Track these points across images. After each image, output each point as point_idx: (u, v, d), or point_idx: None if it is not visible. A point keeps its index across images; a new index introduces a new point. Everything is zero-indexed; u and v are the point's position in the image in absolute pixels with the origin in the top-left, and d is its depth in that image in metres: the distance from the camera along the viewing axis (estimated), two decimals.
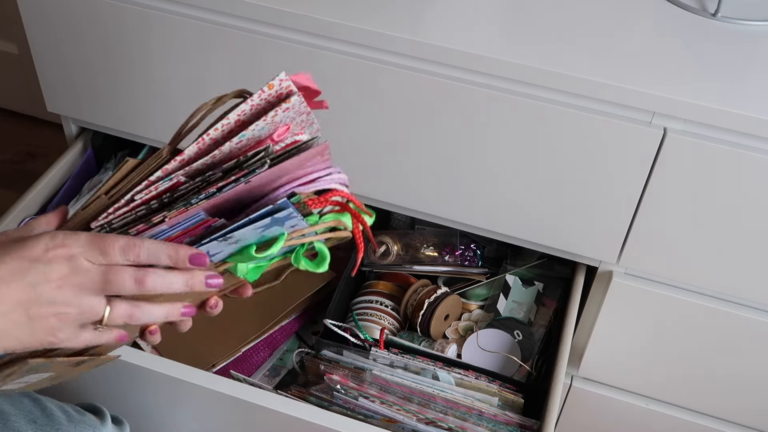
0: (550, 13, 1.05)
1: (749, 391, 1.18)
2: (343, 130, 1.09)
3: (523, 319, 1.19)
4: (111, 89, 1.19)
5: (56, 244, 0.61)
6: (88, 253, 0.61)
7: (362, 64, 1.02)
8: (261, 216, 0.64)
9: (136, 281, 0.63)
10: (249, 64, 1.07)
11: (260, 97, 0.66)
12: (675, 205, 1.01)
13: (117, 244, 0.62)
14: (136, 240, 0.62)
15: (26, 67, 1.85)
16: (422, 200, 1.13)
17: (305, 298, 1.24)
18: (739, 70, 0.98)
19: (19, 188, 1.30)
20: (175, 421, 1.05)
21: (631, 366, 1.21)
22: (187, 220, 0.65)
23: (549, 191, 1.05)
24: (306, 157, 0.67)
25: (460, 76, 1.00)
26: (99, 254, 0.62)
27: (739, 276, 1.05)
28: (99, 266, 0.62)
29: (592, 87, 0.95)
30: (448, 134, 1.04)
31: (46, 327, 0.62)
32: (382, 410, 1.01)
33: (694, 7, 1.08)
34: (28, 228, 0.66)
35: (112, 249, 0.62)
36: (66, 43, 1.16)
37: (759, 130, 0.92)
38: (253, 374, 1.19)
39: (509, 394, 1.06)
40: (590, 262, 1.13)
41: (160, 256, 0.63)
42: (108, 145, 1.34)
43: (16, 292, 0.60)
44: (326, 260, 0.72)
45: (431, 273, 1.26)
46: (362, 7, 1.03)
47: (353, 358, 1.10)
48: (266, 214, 0.64)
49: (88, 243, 0.61)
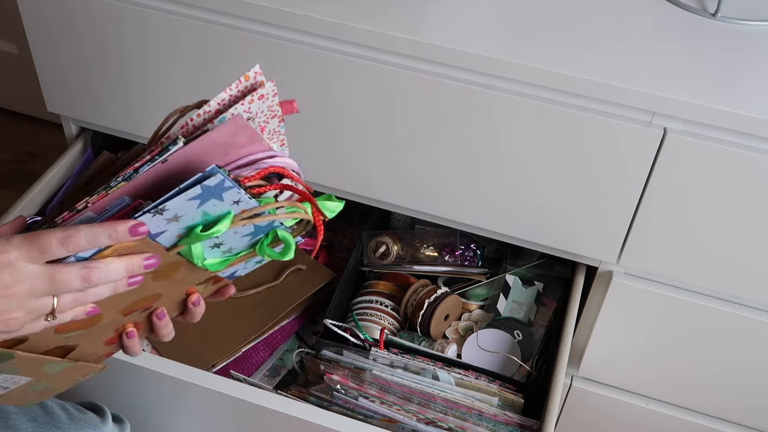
0: (551, 14, 1.05)
1: (749, 390, 1.18)
2: (343, 130, 1.09)
3: (523, 319, 1.19)
4: (111, 89, 1.19)
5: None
6: (27, 254, 0.60)
7: (362, 65, 1.02)
8: (190, 185, 0.62)
9: (83, 279, 0.62)
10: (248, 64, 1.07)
11: (237, 88, 0.69)
12: (675, 205, 1.01)
13: (54, 238, 0.60)
14: (71, 230, 0.60)
15: (26, 67, 1.85)
16: (422, 200, 1.13)
17: (305, 298, 1.24)
18: (739, 70, 0.98)
19: (19, 188, 1.30)
20: (175, 421, 1.05)
21: (631, 366, 1.21)
22: (113, 207, 0.64)
23: (549, 191, 1.05)
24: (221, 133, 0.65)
25: (461, 76, 1.00)
26: (38, 253, 0.60)
27: (739, 276, 1.05)
28: (43, 267, 0.61)
29: (592, 87, 0.95)
30: (448, 134, 1.04)
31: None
32: (382, 410, 1.01)
33: (694, 7, 1.08)
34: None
35: (50, 244, 0.60)
36: (66, 44, 1.16)
37: (759, 130, 0.92)
38: (253, 374, 1.19)
39: (509, 394, 1.06)
40: (590, 262, 1.13)
41: (100, 237, 0.61)
42: (108, 145, 1.34)
43: None
44: (291, 248, 0.71)
45: (431, 273, 1.26)
46: (364, 7, 1.03)
47: (353, 358, 1.10)
48: (195, 182, 0.62)
49: (26, 244, 0.60)
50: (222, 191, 0.64)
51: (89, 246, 0.61)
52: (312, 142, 1.12)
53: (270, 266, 1.28)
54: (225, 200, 0.65)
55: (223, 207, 0.66)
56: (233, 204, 0.66)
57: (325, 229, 0.85)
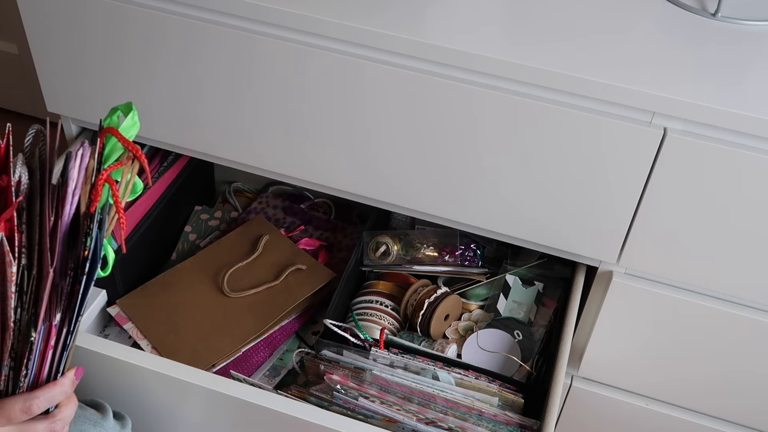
0: (550, 13, 1.05)
1: (749, 391, 1.18)
2: (343, 130, 1.09)
3: (523, 319, 1.20)
4: (111, 89, 1.19)
5: None
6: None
7: (361, 64, 1.02)
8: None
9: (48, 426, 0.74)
10: (248, 64, 1.07)
11: None
12: (675, 205, 1.01)
13: (17, 408, 0.71)
14: (30, 397, 0.72)
15: (26, 67, 1.85)
16: (422, 200, 1.13)
17: (305, 298, 1.24)
18: (739, 70, 0.98)
19: None
20: (175, 421, 1.05)
21: (631, 366, 1.21)
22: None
23: (549, 191, 1.05)
24: None
25: (460, 76, 1.00)
26: (6, 421, 0.71)
27: (739, 276, 1.05)
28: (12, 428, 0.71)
29: (593, 87, 0.95)
30: (448, 134, 1.04)
31: None
32: (382, 410, 1.01)
33: (694, 7, 1.08)
34: None
35: (15, 413, 0.71)
36: (66, 43, 1.16)
37: (759, 130, 0.92)
38: (253, 374, 1.19)
39: (509, 394, 1.06)
40: (590, 262, 1.13)
41: (57, 398, 0.74)
42: None
43: None
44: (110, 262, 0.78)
45: (431, 273, 1.26)
46: (362, 7, 1.03)
47: (353, 358, 1.10)
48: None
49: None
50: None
51: (48, 406, 0.73)
52: (308, 141, 1.12)
53: (270, 266, 1.28)
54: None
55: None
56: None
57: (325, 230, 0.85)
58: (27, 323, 0.71)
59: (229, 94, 1.12)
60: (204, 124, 1.17)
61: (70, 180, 0.71)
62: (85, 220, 0.71)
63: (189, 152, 1.22)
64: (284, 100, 1.09)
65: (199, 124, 1.17)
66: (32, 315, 0.71)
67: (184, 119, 1.17)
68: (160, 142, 1.24)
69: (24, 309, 0.70)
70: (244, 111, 1.13)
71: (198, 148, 1.20)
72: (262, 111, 1.11)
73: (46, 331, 0.71)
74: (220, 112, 1.14)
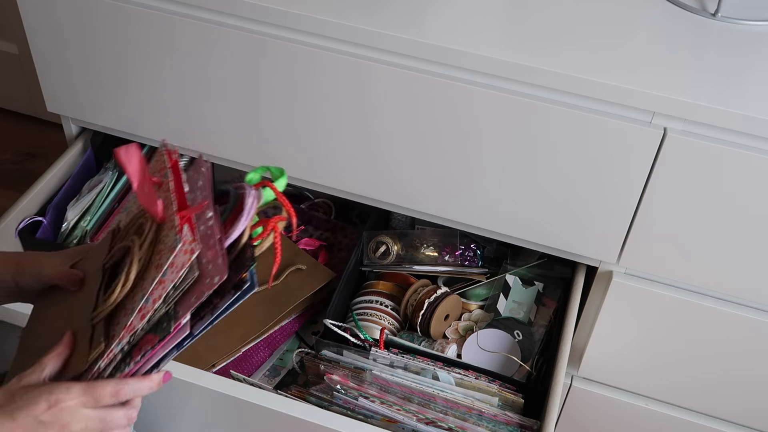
0: (550, 14, 1.05)
1: (749, 390, 1.18)
2: (343, 130, 1.09)
3: (523, 319, 1.19)
4: (111, 89, 1.19)
5: (56, 399, 0.72)
6: (84, 402, 0.73)
7: (362, 64, 1.02)
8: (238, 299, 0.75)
9: (129, 419, 0.78)
10: (248, 64, 1.07)
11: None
12: (675, 205, 1.01)
13: (107, 391, 0.73)
14: (121, 383, 0.74)
15: (26, 67, 1.85)
16: (422, 200, 1.13)
17: (305, 298, 1.24)
18: (739, 70, 0.98)
19: (19, 188, 1.30)
20: (175, 421, 1.05)
21: (631, 366, 1.21)
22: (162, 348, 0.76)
23: (549, 191, 1.05)
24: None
25: (461, 76, 1.00)
26: (94, 401, 0.73)
27: (739, 276, 1.05)
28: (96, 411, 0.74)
29: (593, 87, 0.95)
30: (449, 134, 1.04)
31: None
32: (382, 410, 1.01)
33: (694, 7, 1.08)
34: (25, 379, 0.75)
35: (104, 396, 0.73)
36: (66, 43, 1.16)
37: (759, 130, 0.92)
38: (253, 374, 1.19)
39: (509, 394, 1.06)
40: (590, 262, 1.13)
41: (142, 389, 0.76)
42: (108, 145, 1.34)
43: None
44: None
45: (431, 273, 1.26)
46: (363, 7, 1.03)
47: (353, 358, 1.10)
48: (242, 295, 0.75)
49: (83, 393, 0.73)
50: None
51: (134, 396, 0.76)
52: (310, 141, 1.12)
53: (270, 266, 1.28)
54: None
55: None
56: None
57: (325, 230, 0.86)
58: (162, 315, 0.73)
59: (229, 95, 1.12)
60: (204, 124, 1.17)
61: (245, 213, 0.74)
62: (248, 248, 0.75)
63: (189, 152, 1.22)
64: (283, 101, 1.09)
65: (200, 124, 1.17)
66: (173, 310, 0.73)
67: (185, 119, 1.17)
68: (159, 142, 1.24)
69: (167, 302, 0.72)
70: (244, 111, 1.13)
71: (199, 149, 1.20)
72: (262, 111, 1.11)
73: (175, 329, 0.73)
74: (220, 113, 1.14)
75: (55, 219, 1.25)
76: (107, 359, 0.74)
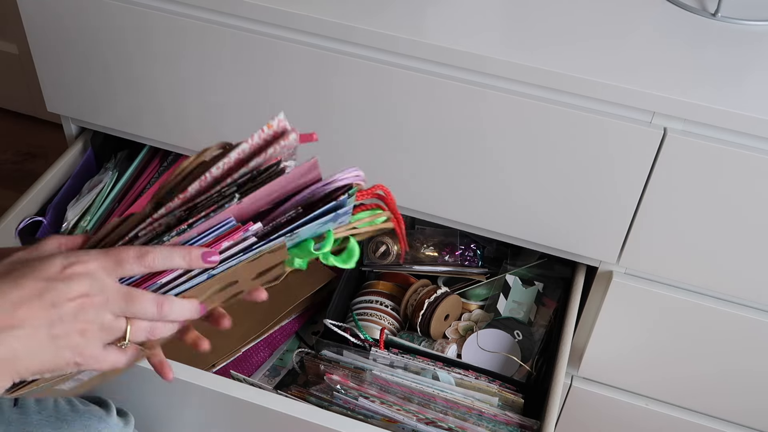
0: (550, 14, 1.05)
1: (749, 391, 1.18)
2: (342, 130, 1.09)
3: (523, 319, 1.20)
4: (111, 89, 1.19)
5: (72, 261, 0.61)
6: (104, 265, 0.61)
7: (362, 64, 1.02)
8: (324, 212, 0.68)
9: (157, 306, 0.64)
10: (249, 65, 1.07)
11: (260, 137, 0.67)
12: (675, 205, 1.01)
13: (131, 253, 0.62)
14: (147, 247, 0.63)
15: (26, 67, 1.85)
16: (422, 200, 1.13)
17: (305, 298, 1.24)
18: (740, 70, 0.98)
19: (19, 188, 1.30)
20: (175, 421, 1.05)
21: (631, 366, 1.21)
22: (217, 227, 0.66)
23: (549, 191, 1.05)
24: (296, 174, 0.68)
25: (461, 76, 1.00)
26: (115, 264, 0.62)
27: (740, 276, 1.05)
28: (121, 286, 0.63)
29: (593, 87, 0.95)
30: (448, 134, 1.04)
31: (71, 345, 0.61)
32: (382, 410, 1.01)
33: (694, 7, 1.08)
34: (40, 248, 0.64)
35: (127, 259, 0.62)
36: (66, 43, 1.16)
37: (759, 130, 0.92)
38: (253, 374, 1.19)
39: (509, 394, 1.06)
40: (590, 262, 1.13)
41: (174, 258, 0.63)
42: (108, 145, 1.34)
43: (38, 312, 0.59)
44: (355, 256, 0.75)
45: (431, 273, 1.26)
46: (363, 7, 1.03)
47: (353, 358, 1.10)
48: (329, 210, 0.68)
49: (103, 255, 0.61)
50: (343, 216, 0.70)
51: (163, 266, 0.63)
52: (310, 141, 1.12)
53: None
54: (336, 222, 0.71)
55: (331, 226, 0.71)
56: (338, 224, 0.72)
57: None
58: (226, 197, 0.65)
59: (230, 95, 1.12)
60: (205, 124, 1.17)
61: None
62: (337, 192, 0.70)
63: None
64: (282, 101, 1.09)
65: (200, 124, 1.17)
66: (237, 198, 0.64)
67: (185, 119, 1.17)
68: (159, 142, 1.24)
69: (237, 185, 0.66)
70: (244, 112, 1.13)
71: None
72: (262, 111, 1.11)
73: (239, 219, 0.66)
74: (220, 113, 1.14)
75: (55, 219, 1.25)
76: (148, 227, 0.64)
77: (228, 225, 0.66)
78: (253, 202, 0.67)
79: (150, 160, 1.33)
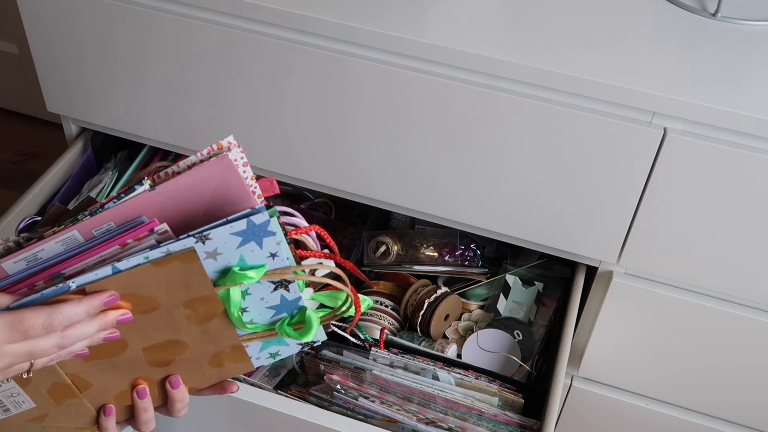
0: (551, 14, 1.05)
1: (749, 391, 1.18)
2: (344, 130, 1.09)
3: (523, 319, 1.20)
4: (111, 89, 1.19)
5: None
6: (9, 337, 0.64)
7: (365, 65, 1.02)
8: (236, 218, 0.66)
9: (60, 347, 0.67)
10: (249, 65, 1.07)
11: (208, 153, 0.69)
12: (675, 205, 1.01)
13: (38, 323, 0.64)
14: (53, 311, 0.65)
15: (26, 67, 1.85)
16: (422, 200, 1.13)
17: None
18: (740, 70, 0.98)
19: (19, 188, 1.30)
20: (175, 420, 1.05)
21: (632, 366, 1.21)
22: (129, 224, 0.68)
23: (549, 191, 1.05)
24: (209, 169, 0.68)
25: (462, 76, 1.00)
26: (21, 336, 0.64)
27: (739, 276, 1.05)
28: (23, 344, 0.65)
29: (593, 87, 0.95)
30: (449, 134, 1.04)
31: None
32: (382, 410, 1.01)
33: (694, 7, 1.08)
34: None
35: (34, 329, 0.64)
36: (66, 43, 1.16)
37: (759, 130, 0.92)
38: (253, 374, 1.19)
39: (509, 394, 1.06)
40: (590, 262, 1.13)
41: (79, 315, 0.66)
42: (108, 145, 1.34)
43: None
44: (312, 329, 0.74)
45: (431, 273, 1.26)
46: (367, 8, 1.03)
47: (353, 358, 1.10)
48: (241, 216, 0.66)
49: (8, 328, 0.63)
50: (264, 235, 0.67)
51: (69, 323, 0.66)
52: (313, 141, 1.12)
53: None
54: (263, 248, 0.68)
55: (260, 257, 0.68)
56: (269, 256, 0.69)
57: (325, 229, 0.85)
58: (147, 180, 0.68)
59: (230, 95, 1.12)
60: (205, 124, 1.17)
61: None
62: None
63: (189, 152, 1.22)
64: (282, 101, 1.09)
65: (201, 125, 1.17)
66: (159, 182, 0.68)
67: (185, 119, 1.17)
68: (159, 142, 1.24)
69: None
70: (244, 112, 1.13)
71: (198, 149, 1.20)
72: (262, 111, 1.11)
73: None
74: (220, 113, 1.14)
75: None
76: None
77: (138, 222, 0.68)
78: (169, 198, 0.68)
79: (150, 160, 1.33)
